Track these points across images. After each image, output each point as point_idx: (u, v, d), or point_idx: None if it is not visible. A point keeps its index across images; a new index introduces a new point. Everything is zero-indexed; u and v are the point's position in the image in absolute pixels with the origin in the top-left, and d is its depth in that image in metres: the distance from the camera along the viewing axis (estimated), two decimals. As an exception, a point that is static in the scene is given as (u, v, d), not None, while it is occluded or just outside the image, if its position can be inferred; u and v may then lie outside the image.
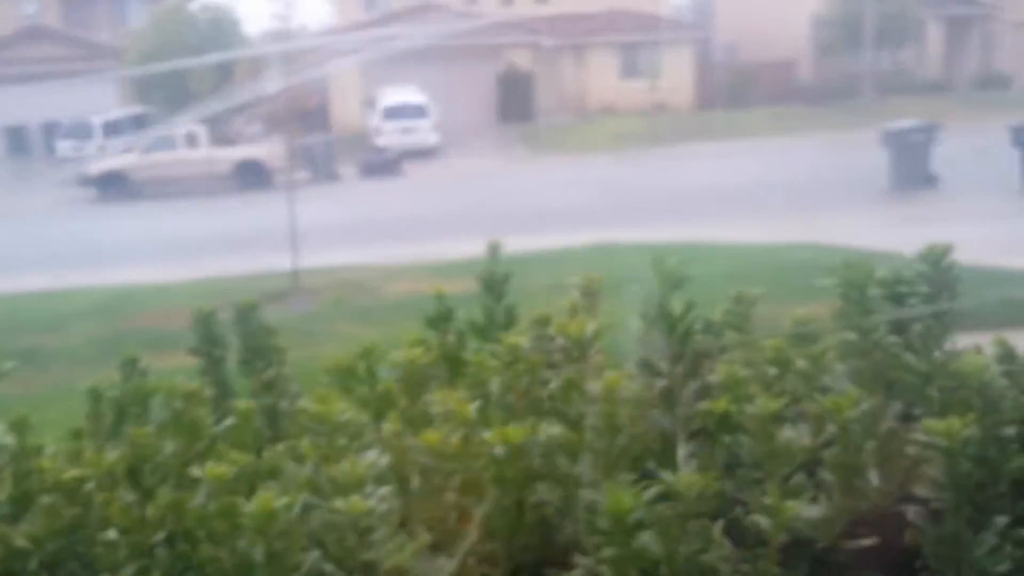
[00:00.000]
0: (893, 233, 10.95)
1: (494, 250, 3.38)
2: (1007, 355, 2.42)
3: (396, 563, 1.72)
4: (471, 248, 4.25)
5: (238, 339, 3.19)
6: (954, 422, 2.02)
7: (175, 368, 3.09)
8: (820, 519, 2.20)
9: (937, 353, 2.46)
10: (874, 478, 2.30)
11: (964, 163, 18.08)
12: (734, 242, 13.15)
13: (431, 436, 1.87)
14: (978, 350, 2.47)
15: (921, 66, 35.66)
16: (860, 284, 2.46)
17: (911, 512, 2.18)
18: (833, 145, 24.50)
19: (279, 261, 13.15)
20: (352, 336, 8.94)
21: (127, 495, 2.26)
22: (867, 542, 2.21)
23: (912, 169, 17.95)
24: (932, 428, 2.05)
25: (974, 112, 27.50)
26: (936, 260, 2.45)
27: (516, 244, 3.73)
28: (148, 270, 14.82)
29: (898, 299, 2.57)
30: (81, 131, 28.56)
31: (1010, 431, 2.19)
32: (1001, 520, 2.13)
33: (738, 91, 32.95)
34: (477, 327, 3.16)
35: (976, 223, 12.85)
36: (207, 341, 3.16)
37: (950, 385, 2.38)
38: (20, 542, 2.13)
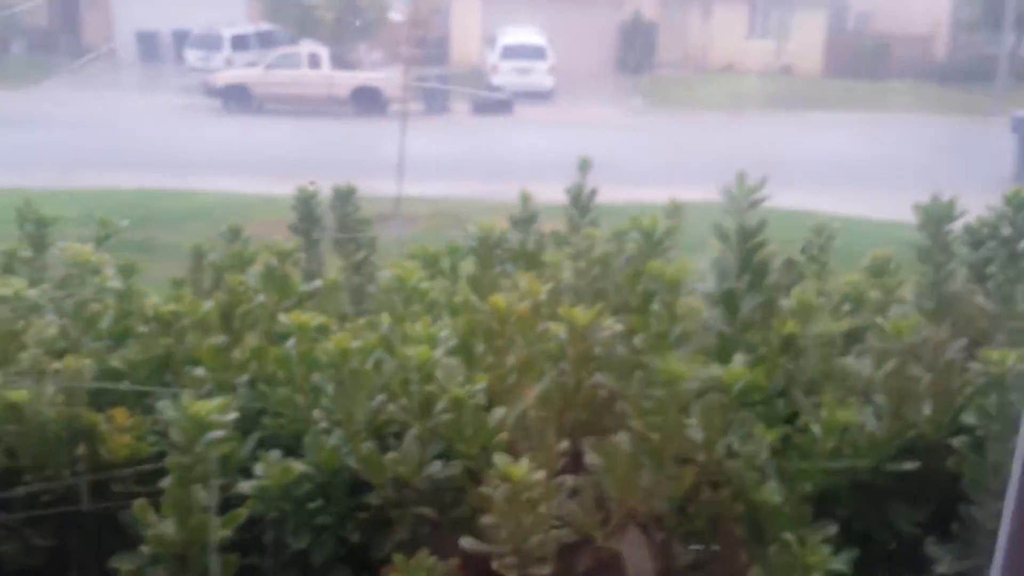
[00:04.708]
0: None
1: (584, 166, 3.45)
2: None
3: (455, 395, 1.85)
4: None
5: (335, 222, 3.36)
6: (1009, 354, 2.04)
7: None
8: (865, 440, 2.25)
9: (1010, 293, 2.46)
10: (927, 408, 2.33)
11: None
12: (837, 214, 12.90)
13: (498, 300, 1.98)
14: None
15: (1067, 55, 33.82)
16: (940, 219, 2.47)
17: (957, 441, 2.20)
18: (962, 127, 23.60)
19: (384, 186, 13.44)
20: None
21: (218, 337, 2.45)
22: (909, 467, 2.25)
23: (1041, 159, 17.23)
24: (987, 357, 2.08)
25: (1119, 107, 26.02)
26: (1020, 203, 2.43)
27: (614, 195, 3.65)
28: (261, 181, 15.31)
29: (978, 241, 2.57)
30: (210, 42, 29.35)
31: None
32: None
33: (868, 62, 31.84)
34: (559, 236, 3.25)
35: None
36: (306, 220, 3.34)
37: (1019, 326, 2.38)
38: (115, 363, 2.34)
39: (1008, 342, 2.40)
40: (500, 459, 1.79)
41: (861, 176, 17.15)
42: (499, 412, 1.93)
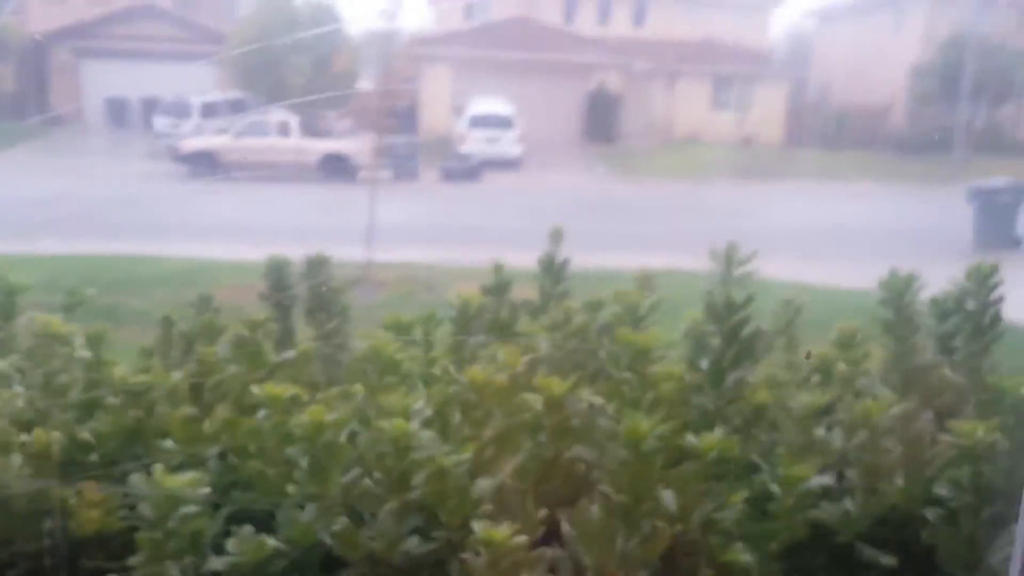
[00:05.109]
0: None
1: (556, 236, 3.48)
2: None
3: (439, 464, 1.83)
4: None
5: (306, 290, 3.35)
6: (979, 426, 2.07)
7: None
8: (841, 514, 2.26)
9: (976, 366, 2.50)
10: (899, 480, 2.35)
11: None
12: (800, 282, 13.06)
13: (476, 372, 1.98)
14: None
15: (1019, 126, 34.83)
16: (901, 293, 2.52)
17: (931, 513, 2.22)
18: (919, 197, 24.09)
19: (353, 252, 13.44)
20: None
21: (188, 409, 2.42)
22: (885, 536, 2.26)
23: (998, 229, 17.58)
24: (958, 430, 2.10)
25: (1070, 178, 26.72)
26: (983, 278, 2.49)
27: (580, 261, 3.70)
28: (227, 247, 15.25)
29: (944, 313, 2.62)
30: (179, 109, 29.47)
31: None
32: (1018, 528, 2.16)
33: (828, 132, 32.63)
34: (531, 305, 3.27)
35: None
36: (277, 288, 3.33)
37: (986, 398, 2.42)
38: (84, 435, 2.30)
39: (975, 414, 2.44)
40: (480, 525, 1.77)
41: (822, 244, 17.41)
42: (482, 483, 1.92)
